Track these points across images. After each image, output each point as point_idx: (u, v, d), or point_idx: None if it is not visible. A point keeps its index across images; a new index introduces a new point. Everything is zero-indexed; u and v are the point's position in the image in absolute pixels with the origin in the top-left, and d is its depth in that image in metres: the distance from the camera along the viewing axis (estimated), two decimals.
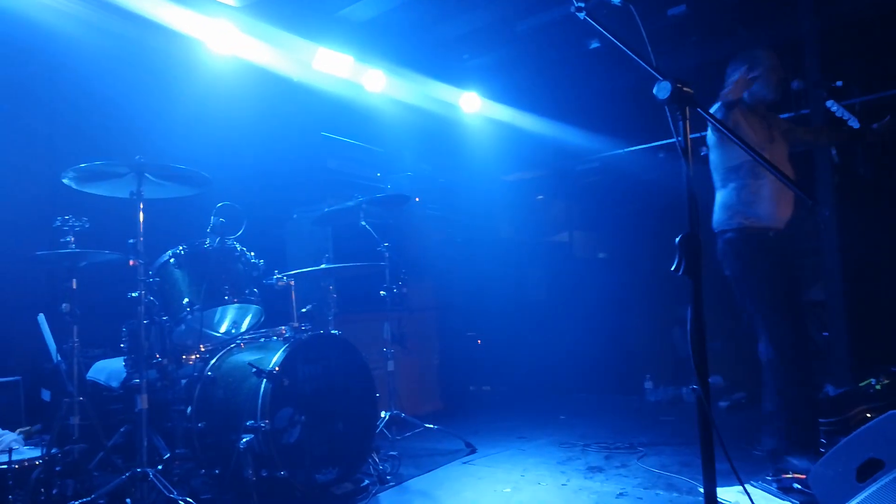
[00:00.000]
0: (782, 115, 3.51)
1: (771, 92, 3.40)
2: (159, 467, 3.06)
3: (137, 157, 3.05)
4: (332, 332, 3.61)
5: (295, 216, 5.25)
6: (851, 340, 4.83)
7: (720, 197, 3.42)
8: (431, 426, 4.29)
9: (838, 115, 3.24)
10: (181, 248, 3.58)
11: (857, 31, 4.81)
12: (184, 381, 3.43)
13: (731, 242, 3.34)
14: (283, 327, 3.59)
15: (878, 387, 4.11)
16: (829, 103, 3.24)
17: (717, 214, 3.43)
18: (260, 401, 3.06)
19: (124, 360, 3.45)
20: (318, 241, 4.90)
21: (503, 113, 6.48)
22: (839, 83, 3.25)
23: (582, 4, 1.85)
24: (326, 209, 4.44)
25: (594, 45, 5.56)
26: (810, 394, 3.33)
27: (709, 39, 5.40)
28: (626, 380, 6.27)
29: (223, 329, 3.90)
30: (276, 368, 3.12)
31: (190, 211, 3.84)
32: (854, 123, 3.21)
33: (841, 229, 4.87)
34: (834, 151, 3.74)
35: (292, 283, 3.63)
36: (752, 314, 3.33)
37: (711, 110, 3.32)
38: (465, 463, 3.92)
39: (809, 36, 4.77)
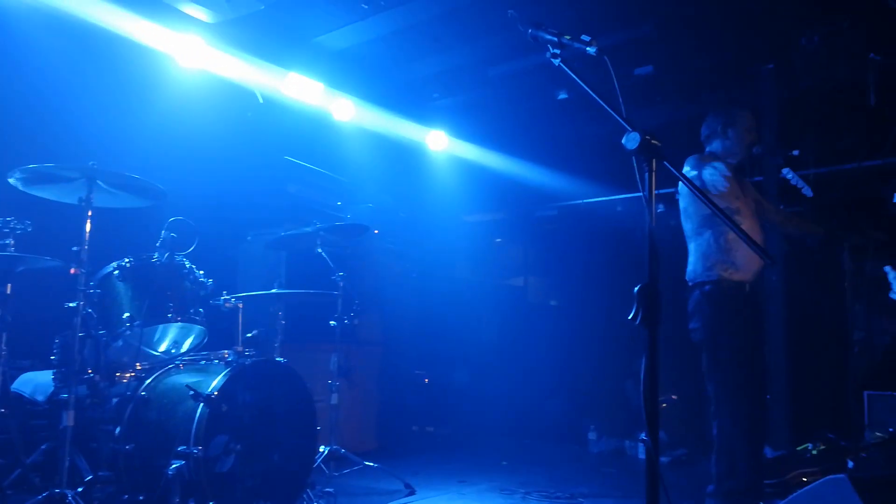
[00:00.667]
0: None
1: (742, 150, 3.44)
2: (79, 489, 2.88)
3: (91, 162, 2.95)
4: (278, 359, 3.50)
5: (249, 238, 5.14)
6: (791, 404, 4.93)
7: (697, 247, 3.39)
8: (371, 464, 4.17)
9: (793, 182, 3.34)
10: (127, 260, 3.43)
11: (814, 106, 5.05)
12: (115, 400, 3.26)
13: (709, 295, 3.28)
14: (227, 351, 3.45)
15: (814, 452, 4.19)
16: (784, 171, 3.34)
17: (694, 265, 3.39)
18: (195, 425, 2.92)
19: (53, 374, 3.27)
20: (270, 265, 4.80)
21: (468, 154, 6.54)
22: (796, 152, 3.36)
23: (557, 52, 1.87)
24: (283, 233, 4.36)
25: (562, 95, 5.68)
26: (758, 462, 3.31)
27: (673, 101, 5.59)
28: (570, 429, 6.27)
29: (163, 348, 3.74)
30: (216, 393, 2.99)
31: (140, 223, 3.71)
32: (808, 192, 3.31)
33: (787, 295, 5.02)
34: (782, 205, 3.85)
35: (240, 305, 3.52)
36: (711, 373, 3.28)
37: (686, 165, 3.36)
38: None
39: (769, 105, 4.99)
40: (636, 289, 1.54)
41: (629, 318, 1.52)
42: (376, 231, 5.69)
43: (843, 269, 4.79)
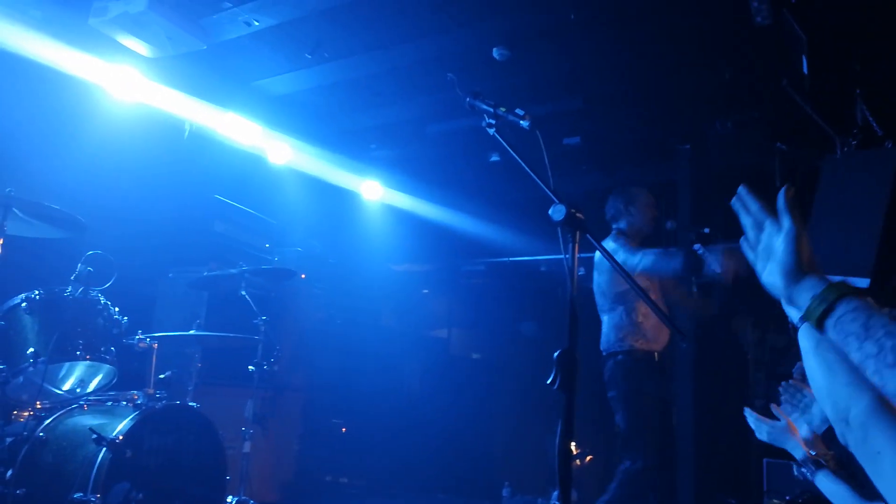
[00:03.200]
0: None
1: (646, 224, 3.73)
2: None
3: (8, 189, 2.84)
4: (190, 403, 3.39)
5: (171, 275, 4.98)
6: (696, 468, 5.11)
7: (610, 319, 3.63)
8: None
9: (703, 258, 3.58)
10: (37, 292, 3.26)
11: (725, 186, 5.40)
12: (9, 440, 3.05)
13: (622, 364, 3.54)
14: (136, 392, 3.31)
15: None
16: (696, 246, 3.58)
17: (608, 336, 3.63)
18: (94, 471, 2.78)
19: None
20: (191, 305, 4.66)
21: (401, 204, 6.63)
22: (707, 230, 3.64)
23: (493, 122, 1.97)
24: (206, 273, 4.27)
25: (494, 158, 5.88)
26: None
27: (598, 171, 5.87)
28: (484, 485, 6.25)
29: (67, 387, 3.54)
30: (120, 437, 2.86)
31: (57, 255, 3.56)
32: (716, 268, 3.54)
33: (695, 364, 5.26)
34: (695, 289, 4.09)
35: (155, 345, 3.40)
36: (626, 431, 3.49)
37: (608, 238, 3.62)
38: None
39: (684, 183, 5.33)
40: (556, 354, 1.61)
41: (548, 382, 1.58)
42: (303, 276, 5.63)
43: (746, 339, 5.07)
